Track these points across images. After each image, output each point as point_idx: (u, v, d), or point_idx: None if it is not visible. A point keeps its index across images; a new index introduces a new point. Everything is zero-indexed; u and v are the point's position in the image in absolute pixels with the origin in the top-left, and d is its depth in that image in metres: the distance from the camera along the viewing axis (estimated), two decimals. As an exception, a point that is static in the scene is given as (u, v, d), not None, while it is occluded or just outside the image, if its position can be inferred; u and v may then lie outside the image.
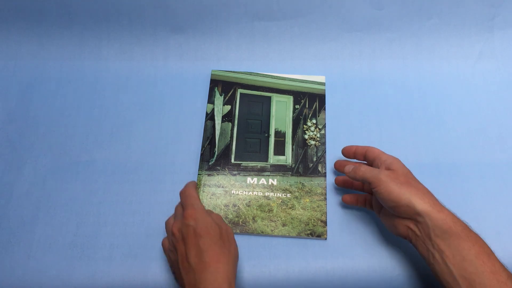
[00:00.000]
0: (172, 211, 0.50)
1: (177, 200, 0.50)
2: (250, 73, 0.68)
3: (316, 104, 0.66)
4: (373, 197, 0.54)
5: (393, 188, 0.45)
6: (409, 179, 0.47)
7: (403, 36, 0.71)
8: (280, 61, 0.70)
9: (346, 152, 0.57)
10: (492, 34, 0.71)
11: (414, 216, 0.45)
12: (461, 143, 0.63)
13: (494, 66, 0.71)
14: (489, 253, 0.42)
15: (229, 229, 0.47)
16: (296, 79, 0.68)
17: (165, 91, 0.68)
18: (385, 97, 0.68)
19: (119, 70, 0.69)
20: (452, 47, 0.71)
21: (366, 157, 0.54)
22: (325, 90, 0.67)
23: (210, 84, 0.67)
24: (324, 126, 0.64)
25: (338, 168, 0.57)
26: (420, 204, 0.44)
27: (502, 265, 0.41)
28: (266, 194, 0.58)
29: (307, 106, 0.65)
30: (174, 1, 0.67)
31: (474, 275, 0.40)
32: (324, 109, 0.65)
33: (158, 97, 0.67)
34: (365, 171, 0.49)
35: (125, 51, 0.70)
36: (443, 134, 0.64)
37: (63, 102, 0.66)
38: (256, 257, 0.54)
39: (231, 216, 0.56)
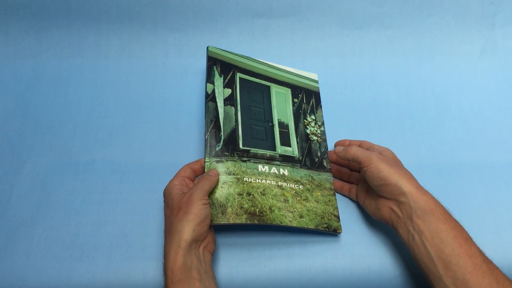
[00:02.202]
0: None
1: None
2: (248, 58, 0.65)
3: (313, 100, 0.65)
4: (357, 186, 0.56)
5: (383, 167, 0.48)
6: (398, 164, 0.51)
7: (404, 33, 0.70)
8: (280, 58, 0.70)
9: (340, 145, 0.58)
10: (493, 32, 0.70)
11: (398, 196, 0.47)
12: (462, 142, 0.63)
13: (495, 64, 0.70)
14: (467, 237, 0.43)
15: (194, 193, 0.47)
16: (291, 72, 0.66)
17: (165, 88, 0.67)
18: (385, 95, 0.67)
19: (119, 68, 0.69)
20: (453, 45, 0.71)
21: (360, 147, 0.55)
22: (318, 88, 0.66)
23: (208, 61, 0.61)
24: (323, 124, 0.63)
25: (331, 156, 0.60)
26: (406, 184, 0.46)
27: (478, 249, 0.43)
28: (280, 183, 0.55)
29: (304, 102, 0.64)
30: (174, 0, 0.67)
31: (450, 257, 0.42)
32: (321, 107, 0.65)
33: (158, 94, 0.67)
34: (357, 151, 0.51)
35: (125, 49, 0.70)
36: (444, 133, 0.64)
37: (63, 101, 0.66)
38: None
39: (247, 205, 0.51)
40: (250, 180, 0.54)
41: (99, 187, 0.59)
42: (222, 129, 0.56)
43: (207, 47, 0.62)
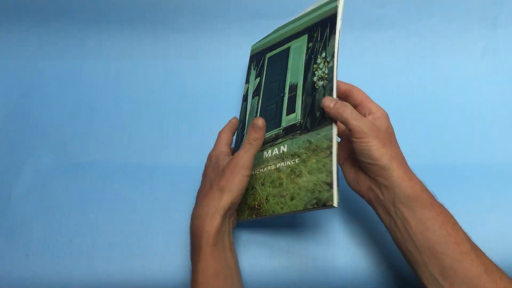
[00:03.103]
0: (171, 211, 0.50)
1: (176, 199, 0.50)
2: (276, 30, 0.59)
3: (327, 31, 0.52)
4: (341, 143, 0.50)
5: (374, 145, 0.42)
6: (392, 140, 0.45)
7: (405, 33, 0.70)
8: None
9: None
10: (495, 32, 0.70)
11: (383, 179, 0.42)
12: (463, 142, 0.63)
13: (497, 64, 0.70)
14: (454, 223, 0.41)
15: (243, 158, 0.45)
16: (308, 12, 0.56)
17: (165, 89, 0.67)
18: (386, 95, 0.67)
19: (120, 69, 0.69)
20: (455, 45, 0.70)
21: (350, 98, 0.49)
22: (337, 6, 0.51)
23: (248, 62, 0.62)
24: (333, 56, 0.49)
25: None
26: (395, 169, 0.41)
27: (466, 236, 0.40)
28: (278, 165, 0.49)
29: (318, 39, 0.52)
30: (174, 0, 0.67)
31: (437, 245, 0.39)
32: (335, 32, 0.50)
33: (158, 95, 0.67)
34: (351, 116, 0.43)
35: (126, 50, 0.70)
36: (445, 133, 0.63)
37: (63, 102, 0.66)
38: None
39: (250, 200, 0.50)
40: (255, 172, 0.51)
41: (99, 187, 0.59)
42: (246, 126, 0.55)
43: (251, 46, 0.62)
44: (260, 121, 0.47)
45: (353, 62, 0.70)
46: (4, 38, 0.69)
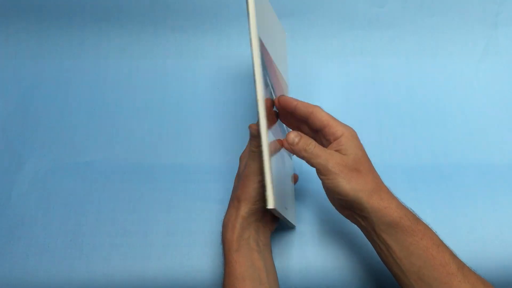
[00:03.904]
0: (171, 211, 0.50)
1: (176, 199, 0.50)
2: None
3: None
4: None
5: (341, 182, 0.40)
6: (360, 167, 0.41)
7: (405, 33, 0.70)
8: (281, 58, 0.70)
9: (283, 104, 0.44)
10: (496, 32, 0.70)
11: (359, 211, 0.41)
12: (463, 142, 0.63)
13: (498, 64, 0.70)
14: (439, 244, 0.40)
15: (247, 170, 0.45)
16: None
17: (165, 89, 0.67)
18: (386, 95, 0.67)
19: (119, 69, 0.69)
20: (455, 45, 0.70)
21: (310, 123, 0.44)
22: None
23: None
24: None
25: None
26: (367, 202, 0.40)
27: (452, 255, 0.40)
28: None
29: None
30: (174, 0, 0.67)
31: (423, 269, 0.39)
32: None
33: (158, 95, 0.67)
34: (312, 154, 0.41)
35: (125, 50, 0.70)
36: (445, 133, 0.63)
37: (63, 101, 0.66)
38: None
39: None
40: None
41: (99, 187, 0.59)
42: None
43: None
44: (252, 129, 0.44)
45: (353, 62, 0.70)
46: (4, 38, 0.69)
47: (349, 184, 0.40)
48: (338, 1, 0.67)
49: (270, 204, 0.38)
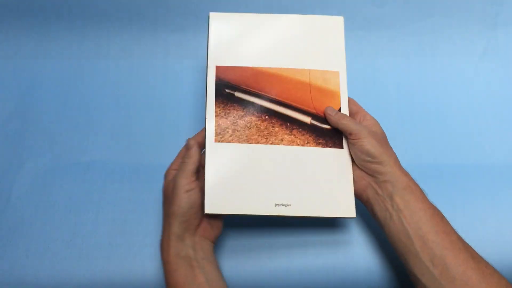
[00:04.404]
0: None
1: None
2: None
3: None
4: None
5: (374, 144, 0.47)
6: (386, 142, 0.50)
7: (405, 34, 0.70)
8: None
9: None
10: (495, 32, 0.70)
11: (381, 175, 0.47)
12: (463, 142, 0.63)
13: (497, 64, 0.70)
14: (442, 216, 0.45)
15: (177, 181, 0.46)
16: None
17: (165, 89, 0.67)
18: (386, 95, 0.67)
19: (119, 69, 0.69)
20: (455, 45, 0.70)
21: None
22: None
23: None
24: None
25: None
26: (392, 166, 0.47)
27: (453, 228, 0.44)
28: None
29: None
30: (174, 0, 0.67)
31: (428, 233, 0.43)
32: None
33: (158, 95, 0.67)
34: (349, 122, 0.49)
35: (125, 50, 0.70)
36: (445, 133, 0.63)
37: (63, 102, 0.66)
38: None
39: None
40: None
41: (99, 187, 0.59)
42: None
43: None
44: (188, 141, 0.50)
45: (353, 62, 0.70)
46: (4, 38, 0.69)
47: (380, 147, 0.47)
48: (338, 1, 0.67)
49: (206, 209, 0.46)
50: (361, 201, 0.50)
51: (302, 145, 0.50)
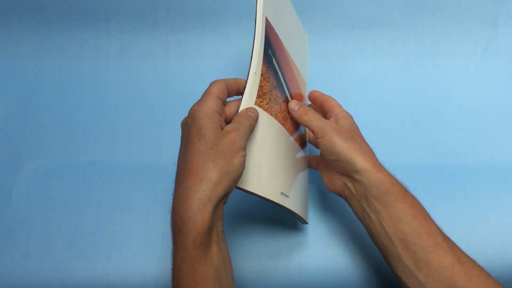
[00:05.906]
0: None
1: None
2: None
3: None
4: (320, 154, 0.49)
5: (336, 141, 0.43)
6: (355, 136, 0.45)
7: (405, 33, 0.70)
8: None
9: (310, 95, 0.53)
10: (496, 32, 0.70)
11: (352, 173, 0.43)
12: (464, 142, 0.63)
13: (498, 64, 0.70)
14: (426, 215, 0.41)
15: (238, 139, 0.38)
16: None
17: (166, 89, 0.67)
18: (387, 95, 0.67)
19: (119, 69, 0.69)
20: (455, 45, 0.70)
21: (323, 106, 0.51)
22: None
23: None
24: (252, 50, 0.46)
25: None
26: (361, 162, 0.42)
27: (438, 227, 0.41)
28: None
29: None
30: (174, 0, 0.67)
31: (410, 236, 0.39)
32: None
33: (159, 95, 0.67)
34: (311, 118, 0.45)
35: (125, 50, 0.70)
36: (445, 133, 0.63)
37: (64, 102, 0.66)
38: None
39: None
40: None
41: (99, 187, 0.59)
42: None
43: None
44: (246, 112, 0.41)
45: (353, 62, 0.70)
46: (4, 38, 0.69)
47: (345, 144, 0.43)
48: (338, 1, 0.67)
49: (250, 188, 0.39)
50: (344, 199, 0.47)
51: (300, 145, 0.51)
